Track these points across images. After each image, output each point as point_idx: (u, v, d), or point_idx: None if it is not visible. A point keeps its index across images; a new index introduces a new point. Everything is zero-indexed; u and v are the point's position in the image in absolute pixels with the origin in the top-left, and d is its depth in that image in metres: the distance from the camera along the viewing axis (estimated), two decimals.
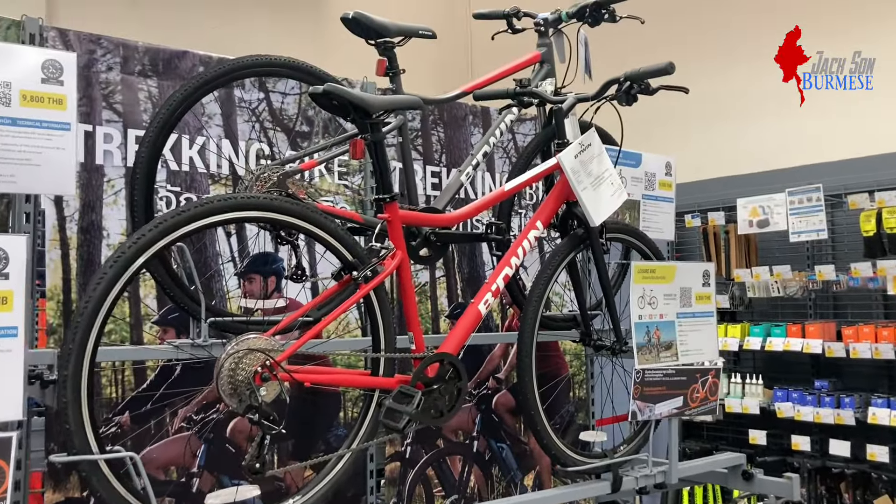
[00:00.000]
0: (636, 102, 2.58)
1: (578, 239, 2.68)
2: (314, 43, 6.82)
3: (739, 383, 5.84)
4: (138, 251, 1.79)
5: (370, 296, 2.18)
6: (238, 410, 1.90)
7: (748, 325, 5.81)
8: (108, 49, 2.66)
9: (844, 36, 5.59)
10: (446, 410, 2.29)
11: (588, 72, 3.05)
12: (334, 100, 2.07)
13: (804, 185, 5.37)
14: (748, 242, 6.06)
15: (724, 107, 6.48)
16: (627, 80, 2.47)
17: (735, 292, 6.02)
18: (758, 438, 5.72)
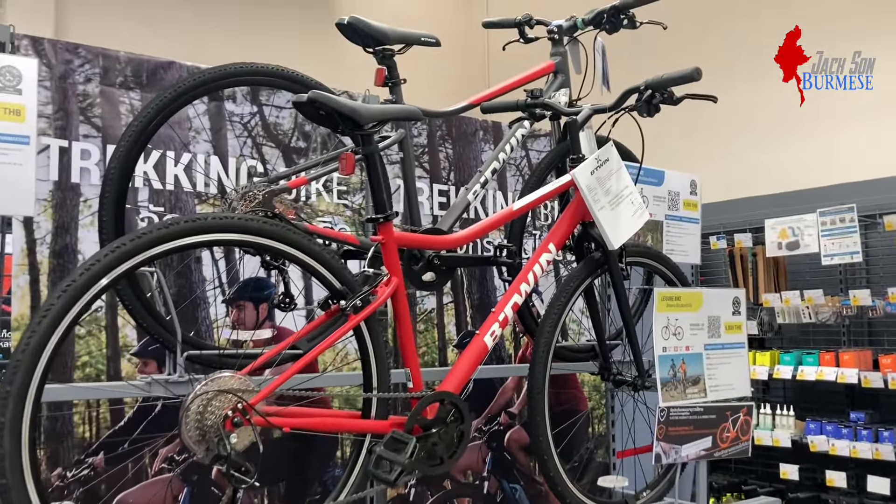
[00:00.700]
0: (658, 114, 2.35)
1: (596, 263, 2.43)
2: (329, 56, 6.67)
3: (769, 414, 5.53)
4: (91, 279, 1.58)
5: (361, 328, 1.95)
6: (204, 461, 1.67)
7: (778, 353, 5.51)
8: (87, 59, 2.47)
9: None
10: (447, 457, 2.04)
11: (606, 82, 2.82)
12: (321, 109, 1.86)
13: (837, 205, 5.09)
14: (777, 266, 5.77)
15: (750, 123, 6.23)
16: (648, 88, 2.23)
17: (764, 318, 5.72)
18: (789, 473, 5.40)
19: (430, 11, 8.15)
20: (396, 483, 1.85)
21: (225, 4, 6.92)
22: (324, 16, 6.73)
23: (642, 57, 6.54)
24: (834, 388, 5.33)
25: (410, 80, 2.49)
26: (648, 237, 3.10)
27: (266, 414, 1.77)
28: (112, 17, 6.39)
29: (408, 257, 2.44)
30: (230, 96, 2.71)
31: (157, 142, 2.57)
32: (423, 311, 3.15)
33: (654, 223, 3.11)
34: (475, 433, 3.23)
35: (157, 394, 2.02)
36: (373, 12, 2.55)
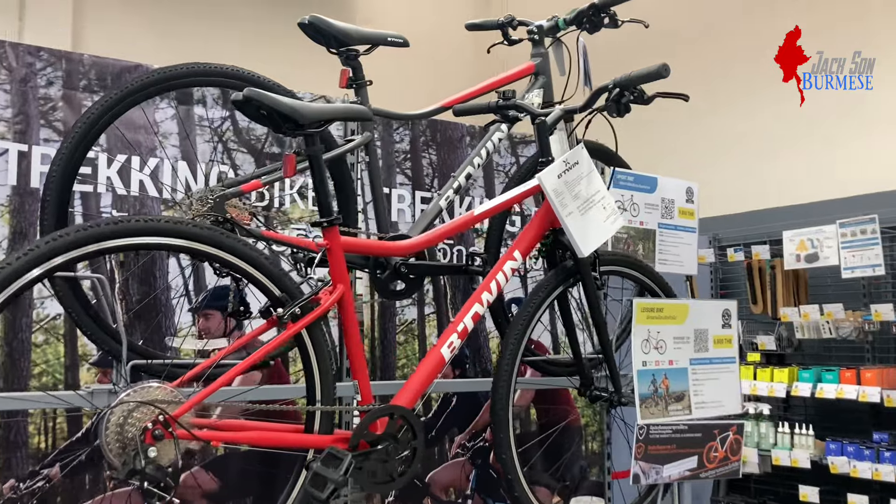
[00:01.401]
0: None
1: (567, 272, 2.31)
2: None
3: (788, 433, 5.30)
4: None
5: (302, 337, 1.86)
6: (119, 475, 1.59)
7: (797, 370, 5.29)
8: (49, 62, 2.43)
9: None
10: (397, 474, 1.94)
11: (588, 83, 2.71)
12: (261, 108, 1.78)
13: (858, 217, 4.89)
14: (798, 279, 5.56)
15: (761, 132, 6.06)
16: (617, 87, 2.12)
17: (782, 333, 5.52)
18: (809, 496, 5.17)
19: (448, 15, 8.11)
20: (330, 501, 1.74)
21: (243, 16, 6.92)
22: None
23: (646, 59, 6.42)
24: (857, 407, 5.11)
25: (426, 84, 2.42)
26: (639, 246, 2.96)
27: (194, 426, 1.69)
28: (130, 30, 6.43)
29: (373, 265, 2.35)
30: (200, 100, 2.66)
31: (122, 147, 2.52)
32: (404, 321, 3.05)
33: (646, 232, 2.98)
34: (458, 449, 3.12)
35: (77, 404, 1.94)
36: (388, 18, 2.48)
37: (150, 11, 6.57)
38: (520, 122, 2.56)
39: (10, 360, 2.32)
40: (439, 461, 3.08)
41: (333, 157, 2.29)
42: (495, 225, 2.70)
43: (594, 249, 2.26)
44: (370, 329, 2.98)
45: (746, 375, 5.50)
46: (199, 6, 6.77)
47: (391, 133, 3.08)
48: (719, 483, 5.88)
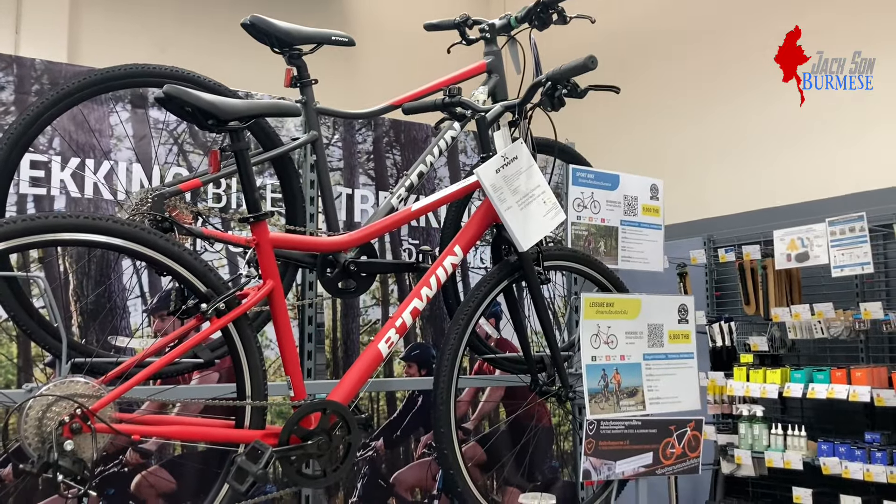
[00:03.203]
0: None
1: (510, 267, 2.31)
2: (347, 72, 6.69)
3: (781, 435, 5.24)
4: None
5: (230, 332, 1.87)
6: (33, 469, 1.60)
7: (789, 370, 5.23)
8: (1, 67, 2.46)
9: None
10: (329, 469, 1.94)
11: None
12: (184, 106, 1.80)
13: (846, 215, 4.84)
14: (790, 278, 5.50)
15: (755, 133, 6.02)
16: (549, 80, 2.12)
17: (775, 334, 5.46)
18: (802, 497, 5.09)
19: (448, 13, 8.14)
20: (248, 495, 1.75)
21: (238, 27, 6.98)
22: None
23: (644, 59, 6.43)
24: (850, 408, 5.04)
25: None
26: (601, 243, 2.95)
27: (114, 420, 1.70)
28: (125, 40, 6.50)
29: (321, 264, 2.36)
30: (155, 104, 2.68)
31: (75, 150, 2.55)
32: (368, 321, 3.06)
33: (608, 229, 2.97)
34: (424, 449, 3.11)
35: None
36: (388, 20, 2.49)
37: (146, 20, 6.64)
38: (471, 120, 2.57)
39: None
40: (405, 461, 3.08)
41: (277, 156, 2.32)
42: (450, 220, 2.71)
43: (535, 244, 2.26)
44: (332, 329, 2.98)
45: (739, 377, 5.45)
46: (196, 15, 6.83)
47: (353, 134, 3.09)
48: (715, 486, 5.82)
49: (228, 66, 6.54)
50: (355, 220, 3.07)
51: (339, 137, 3.07)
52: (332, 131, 3.04)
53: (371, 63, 7.22)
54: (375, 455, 3.01)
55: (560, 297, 3.50)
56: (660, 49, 6.59)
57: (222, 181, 2.76)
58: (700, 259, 5.86)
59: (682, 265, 5.91)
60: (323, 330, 2.88)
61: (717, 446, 5.52)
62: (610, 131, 6.51)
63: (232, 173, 2.26)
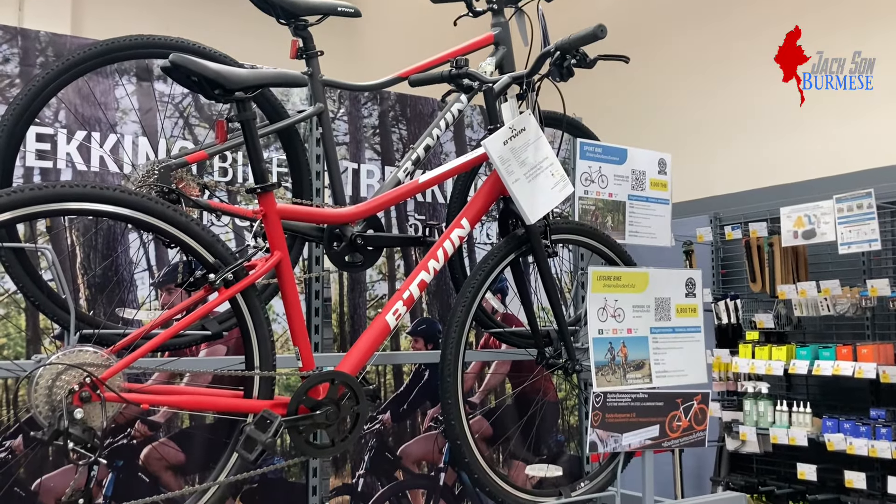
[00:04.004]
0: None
1: (517, 240, 2.30)
2: (353, 50, 6.65)
3: (786, 411, 5.24)
4: None
5: (238, 303, 1.87)
6: (44, 437, 1.61)
7: (794, 347, 5.23)
8: (5, 39, 2.45)
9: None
10: (338, 439, 1.95)
11: None
12: (190, 75, 1.79)
13: (854, 192, 4.82)
14: (797, 255, 5.48)
15: (761, 112, 6.00)
16: (558, 50, 2.10)
17: (781, 311, 5.45)
18: (807, 473, 5.11)
19: None
20: (257, 463, 1.76)
21: (243, 1, 6.94)
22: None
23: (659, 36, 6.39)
24: (855, 384, 5.04)
25: None
26: (608, 218, 2.94)
27: (124, 390, 1.71)
28: (128, 15, 6.47)
29: (328, 238, 2.36)
30: (160, 76, 2.67)
31: (81, 123, 2.55)
32: (374, 296, 3.06)
33: (616, 203, 2.95)
34: (431, 423, 3.12)
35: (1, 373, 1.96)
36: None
37: None
38: (478, 93, 2.55)
39: None
40: (411, 434, 3.09)
41: (284, 129, 2.31)
42: (457, 194, 2.70)
43: (543, 217, 2.25)
44: (339, 304, 2.99)
45: (745, 354, 5.45)
46: None
47: (359, 108, 3.08)
48: (720, 463, 5.84)
49: (233, 41, 6.50)
50: (361, 194, 3.06)
51: (344, 112, 3.05)
52: (338, 105, 3.02)
53: (376, 38, 7.17)
54: (382, 428, 3.02)
55: (566, 272, 3.49)
56: (668, 24, 6.54)
57: (228, 155, 2.75)
58: (706, 237, 5.84)
59: (688, 243, 5.90)
60: (330, 304, 2.88)
61: (722, 423, 5.53)
62: (614, 108, 6.48)
63: (238, 145, 2.26)
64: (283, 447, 2.78)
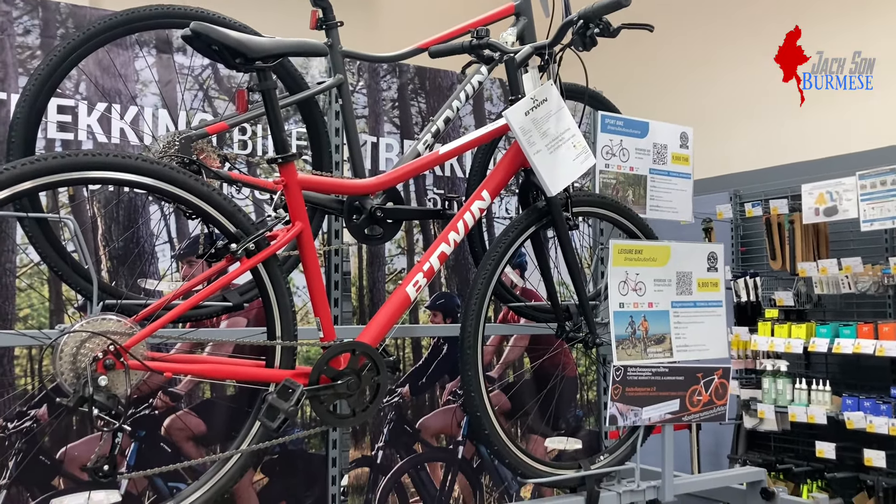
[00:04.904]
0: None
1: (538, 213, 2.29)
2: (368, 23, 6.60)
3: (805, 389, 5.22)
4: None
5: (260, 273, 1.87)
6: (70, 403, 1.62)
7: (814, 325, 5.19)
8: (26, 10, 2.45)
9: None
10: (359, 409, 1.96)
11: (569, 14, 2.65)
12: (211, 44, 1.78)
13: (878, 168, 4.76)
14: (818, 233, 5.43)
15: (783, 89, 5.93)
16: (581, 19, 2.08)
17: (801, 289, 5.41)
18: (826, 451, 5.09)
19: None
20: (279, 431, 1.77)
21: None
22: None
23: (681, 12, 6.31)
24: (876, 363, 5.00)
25: None
26: (629, 192, 2.91)
27: (147, 359, 1.72)
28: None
29: (348, 210, 2.35)
30: (180, 48, 2.66)
31: (102, 93, 2.55)
32: (393, 270, 3.06)
33: (637, 177, 2.93)
34: (449, 396, 3.13)
35: (27, 341, 1.98)
36: None
37: None
38: (499, 64, 2.53)
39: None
40: (430, 408, 3.10)
41: (303, 100, 2.30)
42: (476, 167, 2.69)
43: (565, 189, 2.23)
44: (358, 277, 2.99)
45: (764, 332, 5.42)
46: None
47: (378, 80, 3.06)
48: (738, 440, 5.84)
49: (251, 16, 6.48)
50: (380, 168, 3.05)
51: (363, 84, 3.04)
52: (357, 78, 3.01)
53: (393, 9, 7.12)
54: (401, 401, 3.03)
55: (585, 247, 3.47)
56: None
57: (248, 127, 2.74)
58: (726, 214, 5.80)
59: (707, 220, 5.86)
60: (349, 278, 2.88)
61: (740, 401, 5.52)
62: (632, 83, 6.42)
63: (258, 116, 2.25)
64: (304, 419, 2.80)
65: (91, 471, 1.65)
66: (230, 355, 2.47)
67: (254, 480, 2.73)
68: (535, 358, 3.28)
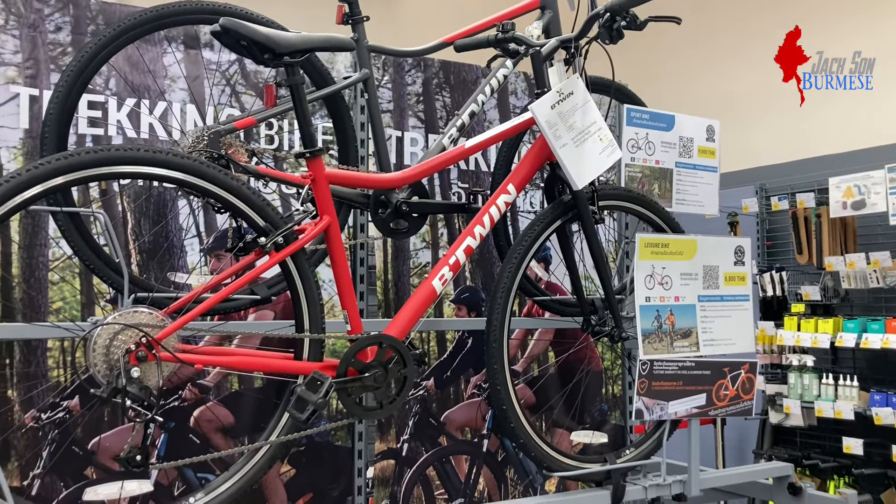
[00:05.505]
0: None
1: (564, 206, 2.29)
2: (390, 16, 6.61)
3: (832, 385, 5.17)
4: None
5: (288, 266, 1.89)
6: (103, 394, 1.65)
7: (841, 320, 5.13)
8: (57, 7, 2.49)
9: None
10: (386, 401, 1.97)
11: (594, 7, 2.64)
12: (240, 39, 1.80)
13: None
14: (845, 227, 5.37)
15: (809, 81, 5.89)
16: (608, 12, 2.07)
17: (828, 283, 5.35)
18: (853, 448, 5.04)
19: None
20: (308, 422, 1.79)
21: None
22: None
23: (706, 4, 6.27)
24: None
25: None
26: (655, 186, 2.90)
27: (178, 350, 1.74)
28: None
29: (374, 204, 2.37)
30: (208, 44, 2.69)
31: (131, 90, 2.58)
32: (418, 264, 3.07)
33: (662, 171, 2.92)
34: (474, 390, 3.14)
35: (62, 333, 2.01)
36: None
37: None
38: (525, 58, 2.52)
39: (27, 297, 2.42)
40: (455, 401, 3.12)
41: (330, 95, 2.31)
42: (501, 161, 2.69)
43: (590, 182, 2.23)
44: (383, 271, 3.01)
45: (790, 327, 5.37)
46: None
47: (403, 75, 3.07)
48: (763, 436, 5.80)
49: (277, 11, 6.52)
50: (405, 163, 3.06)
51: (388, 79, 3.05)
52: (382, 73, 3.02)
53: (414, 5, 7.12)
54: (426, 394, 3.05)
55: (611, 241, 3.47)
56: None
57: (274, 122, 2.77)
58: (752, 207, 5.75)
59: (732, 214, 5.81)
60: (374, 272, 2.90)
61: (766, 396, 5.48)
62: (656, 77, 6.38)
63: (286, 111, 2.26)
64: (330, 411, 2.82)
65: (124, 461, 1.68)
66: (257, 348, 2.49)
67: (281, 472, 2.76)
68: (559, 352, 3.28)
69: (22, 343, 2.40)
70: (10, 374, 2.39)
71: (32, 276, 2.43)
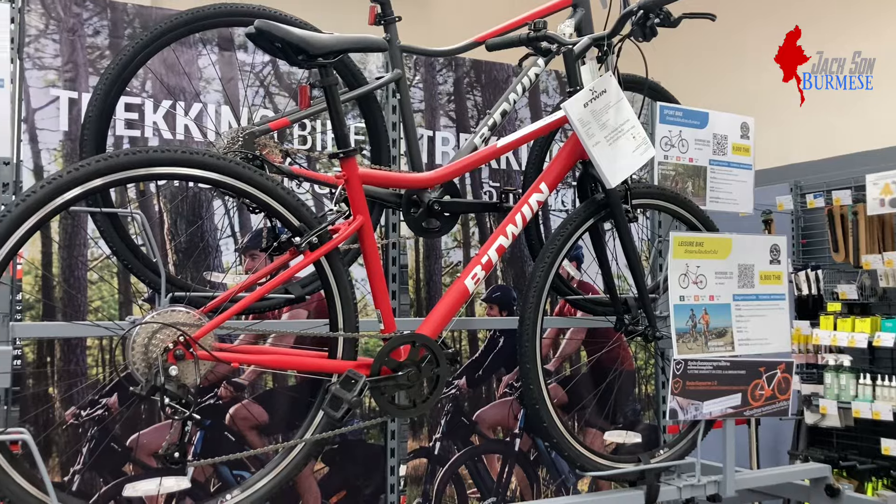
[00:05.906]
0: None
1: (597, 205, 2.28)
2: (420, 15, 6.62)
3: (869, 385, 5.09)
4: (24, 213, 1.59)
5: (322, 266, 1.90)
6: (142, 392, 1.67)
7: (879, 319, 5.05)
8: (95, 12, 2.53)
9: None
10: (419, 400, 1.98)
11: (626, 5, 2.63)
12: (274, 41, 1.82)
13: None
14: (883, 224, 5.28)
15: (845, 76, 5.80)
16: (641, 9, 2.06)
17: (865, 282, 5.27)
18: (891, 449, 4.96)
19: None
20: (343, 421, 1.80)
21: None
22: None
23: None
24: None
25: None
26: (688, 184, 2.88)
27: (214, 349, 1.76)
28: None
29: (406, 203, 2.37)
30: (241, 45, 2.72)
31: (167, 93, 2.62)
32: (449, 263, 3.08)
33: (696, 168, 2.89)
34: (506, 389, 3.14)
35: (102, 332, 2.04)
36: None
37: None
38: (556, 56, 2.52)
39: (67, 296, 2.47)
40: (487, 400, 3.12)
41: (362, 95, 2.33)
42: (533, 160, 2.68)
43: (624, 181, 2.22)
44: (415, 270, 3.02)
45: (826, 326, 5.30)
46: None
47: (434, 74, 3.08)
48: (798, 437, 5.72)
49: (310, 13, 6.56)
50: (436, 162, 3.07)
51: (419, 79, 3.06)
52: (413, 72, 3.03)
53: (444, 4, 7.13)
54: (458, 393, 3.06)
55: (643, 240, 3.44)
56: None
57: (307, 123, 2.79)
58: (787, 205, 5.68)
59: (767, 212, 5.74)
60: (406, 271, 2.91)
61: (801, 396, 5.41)
62: (692, 73, 6.33)
63: (319, 112, 2.28)
64: (363, 410, 2.84)
65: (162, 458, 1.70)
66: (290, 347, 2.52)
67: (314, 470, 2.79)
68: (592, 351, 3.27)
69: (62, 341, 2.45)
70: (51, 372, 2.44)
71: (72, 276, 2.48)
